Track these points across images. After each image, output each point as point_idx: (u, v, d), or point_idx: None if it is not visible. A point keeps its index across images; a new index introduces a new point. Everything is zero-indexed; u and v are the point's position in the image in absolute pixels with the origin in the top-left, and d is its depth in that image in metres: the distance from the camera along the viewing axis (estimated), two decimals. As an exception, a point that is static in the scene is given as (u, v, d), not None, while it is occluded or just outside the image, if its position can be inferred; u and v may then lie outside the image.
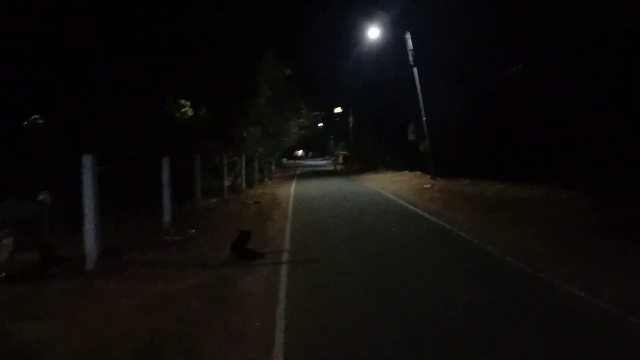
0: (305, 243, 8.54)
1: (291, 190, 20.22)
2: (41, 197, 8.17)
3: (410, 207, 12.99)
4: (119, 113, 18.84)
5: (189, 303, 5.22)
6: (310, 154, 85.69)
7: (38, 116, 23.28)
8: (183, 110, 24.24)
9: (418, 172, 25.46)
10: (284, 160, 51.22)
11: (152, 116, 20.77)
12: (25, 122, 22.30)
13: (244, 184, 20.05)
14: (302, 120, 29.78)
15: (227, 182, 17.32)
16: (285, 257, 7.47)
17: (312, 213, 12.63)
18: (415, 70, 22.73)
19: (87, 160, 6.26)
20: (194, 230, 9.41)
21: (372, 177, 27.03)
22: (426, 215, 11.18)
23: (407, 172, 26.81)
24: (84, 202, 6.33)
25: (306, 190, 19.85)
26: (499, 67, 20.08)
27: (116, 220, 9.70)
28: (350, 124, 51.66)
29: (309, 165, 52.29)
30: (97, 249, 6.25)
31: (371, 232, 9.35)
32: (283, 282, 6.03)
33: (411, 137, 33.47)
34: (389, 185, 21.13)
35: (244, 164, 20.24)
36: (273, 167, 33.21)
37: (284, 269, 6.66)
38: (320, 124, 56.56)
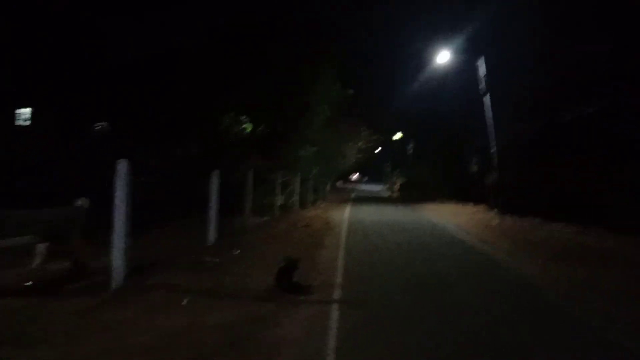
0: (360, 279, 7.40)
1: (345, 214, 19.15)
2: (79, 202, 7.61)
3: (478, 246, 11.51)
4: (176, 126, 18.66)
5: (207, 350, 4.23)
6: (365, 178, 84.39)
7: (105, 123, 23.78)
8: (243, 127, 23.93)
9: (482, 206, 23.65)
10: (339, 183, 50.30)
11: (209, 131, 20.52)
12: (97, 127, 22.82)
13: (296, 204, 19.22)
14: (360, 143, 28.78)
15: (279, 201, 16.54)
16: (336, 294, 6.38)
17: (367, 243, 11.47)
18: (487, 98, 21.25)
19: (121, 167, 5.53)
20: (237, 252, 8.54)
21: (431, 207, 25.45)
22: (498, 259, 9.69)
23: (471, 205, 25.00)
24: (113, 213, 5.59)
25: (361, 216, 18.71)
26: (575, 102, 18.29)
27: (157, 234, 9.03)
28: (410, 151, 50.12)
29: (364, 190, 51.09)
30: (124, 269, 5.46)
31: (434, 275, 8.01)
32: (332, 331, 4.93)
33: (474, 168, 31.66)
34: (451, 218, 19.57)
35: (298, 183, 19.46)
36: (327, 189, 32.33)
37: (334, 312, 5.56)
38: (378, 149, 55.44)
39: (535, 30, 19.66)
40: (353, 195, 37.73)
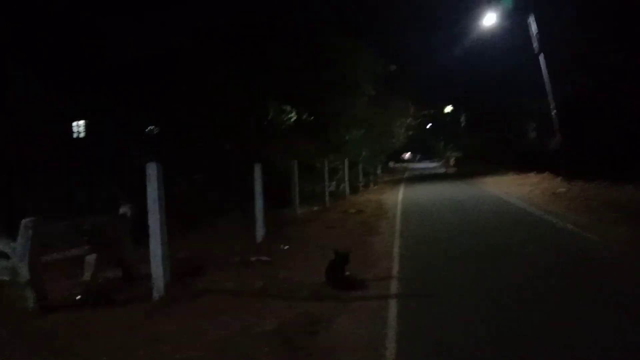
0: (419, 268, 6.79)
1: (399, 196, 18.42)
2: (122, 210, 7.48)
3: (549, 218, 10.53)
4: (220, 123, 18.55)
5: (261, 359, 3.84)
6: (418, 156, 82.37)
7: (154, 127, 24.26)
8: (289, 116, 23.59)
9: (546, 174, 22.09)
10: (391, 163, 49.16)
11: (254, 124, 20.31)
12: (147, 130, 23.35)
13: (347, 190, 18.71)
14: (409, 120, 27.70)
15: (329, 189, 16.09)
16: (393, 287, 5.83)
17: (424, 225, 10.77)
18: (541, 57, 19.64)
19: (152, 170, 5.22)
20: (287, 247, 8.16)
21: (490, 180, 24.10)
22: (575, 230, 8.74)
23: (533, 174, 23.44)
24: (149, 218, 5.31)
25: (416, 197, 17.91)
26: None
27: (205, 232, 8.84)
28: (462, 124, 48.11)
29: (418, 169, 49.73)
30: (164, 277, 5.17)
31: (505, 255, 7.28)
32: (391, 330, 4.40)
33: (532, 134, 29.81)
34: (514, 189, 18.34)
35: (347, 168, 18.91)
36: (379, 171, 31.53)
37: (392, 308, 5.02)
38: (429, 125, 53.66)
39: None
40: (406, 174, 36.66)
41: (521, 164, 26.80)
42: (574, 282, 5.53)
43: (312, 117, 20.84)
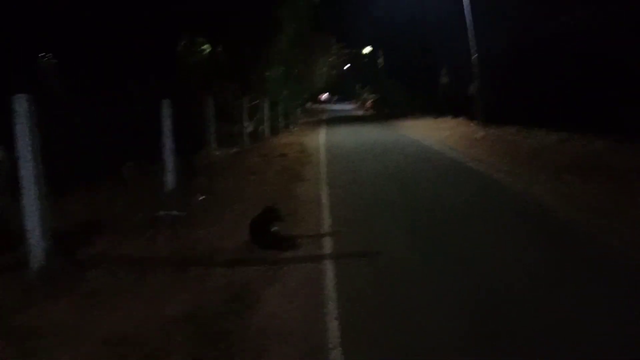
0: (351, 220, 6.20)
1: (321, 139, 17.75)
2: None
3: (471, 164, 10.44)
4: (122, 56, 16.29)
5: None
6: (335, 98, 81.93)
7: (51, 55, 21.02)
8: (201, 50, 21.44)
9: (461, 119, 22.57)
10: (309, 104, 48.13)
11: (162, 58, 18.14)
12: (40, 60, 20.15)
13: (267, 131, 17.65)
14: (332, 58, 26.62)
15: (247, 129, 14.95)
16: (327, 245, 5.16)
17: (351, 171, 10.21)
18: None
19: (20, 104, 3.90)
20: (202, 197, 7.15)
21: (408, 123, 24.23)
22: (500, 177, 8.64)
23: (449, 118, 23.86)
24: (19, 166, 4.05)
25: (338, 139, 17.35)
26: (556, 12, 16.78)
27: (104, 187, 7.52)
28: (380, 65, 47.88)
29: (336, 110, 49.29)
30: (44, 240, 4.01)
31: (438, 209, 6.89)
32: (331, 303, 3.74)
33: (444, 79, 30.27)
34: (432, 133, 18.43)
35: (267, 108, 17.74)
36: (299, 112, 30.57)
37: (329, 272, 4.36)
38: (347, 66, 52.94)
39: None
40: (325, 116, 36.00)
41: (436, 109, 27.27)
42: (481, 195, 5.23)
43: (230, 52, 19.12)
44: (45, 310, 3.52)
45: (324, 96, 73.62)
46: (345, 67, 52.76)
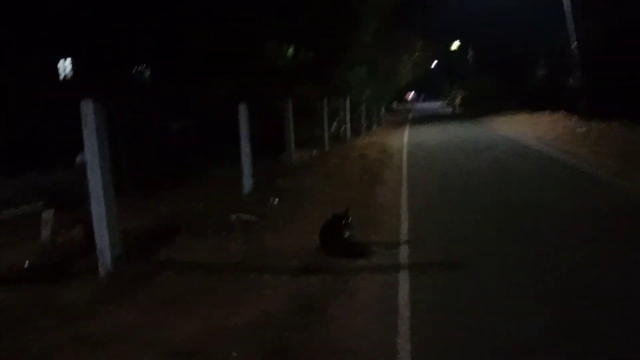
0: (432, 227, 5.70)
1: (404, 138, 17.15)
2: (79, 159, 6.29)
3: (575, 163, 9.35)
4: (212, 65, 16.86)
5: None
6: (422, 96, 79.77)
7: (144, 65, 22.48)
8: (287, 54, 21.71)
9: (561, 113, 20.66)
10: (395, 104, 47.23)
11: (250, 65, 18.56)
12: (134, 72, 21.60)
13: (348, 133, 17.41)
14: (416, 55, 25.78)
15: (329, 131, 14.80)
16: (403, 253, 4.75)
17: (434, 174, 9.61)
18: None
19: (88, 109, 3.97)
20: (276, 200, 7.04)
21: (501, 120, 22.69)
22: (612, 180, 7.56)
23: (547, 113, 21.97)
24: (88, 175, 4.14)
25: (423, 139, 16.62)
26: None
27: (186, 190, 7.71)
28: (470, 60, 45.68)
29: (423, 109, 47.89)
30: (112, 247, 4.06)
31: (536, 211, 6.15)
32: (404, 320, 3.35)
33: (540, 72, 27.99)
34: (528, 129, 17.04)
35: (348, 108, 17.50)
36: (382, 112, 30.02)
37: (403, 285, 3.96)
38: (435, 62, 51.18)
39: None
40: (410, 115, 35.07)
41: (532, 103, 25.27)
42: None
43: (311, 53, 19.13)
44: (111, 315, 3.52)
45: (410, 95, 72.00)
46: (432, 64, 51.06)
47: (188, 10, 15.77)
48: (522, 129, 17.57)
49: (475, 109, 34.37)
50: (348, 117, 17.58)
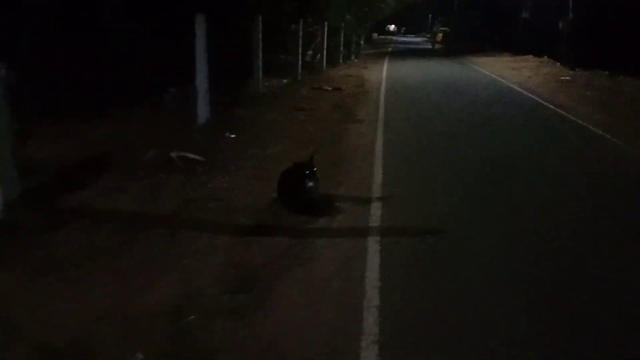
0: (409, 179, 4.95)
1: (383, 72, 16.05)
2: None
3: (561, 112, 8.73)
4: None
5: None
6: (403, 29, 76.91)
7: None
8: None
9: (545, 58, 19.84)
10: (375, 35, 45.06)
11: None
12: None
13: (324, 62, 16.11)
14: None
15: (303, 59, 13.52)
16: (375, 213, 3.98)
17: (413, 112, 8.78)
18: None
19: None
20: (233, 135, 6.07)
21: (482, 61, 21.70)
22: (600, 132, 6.97)
23: (530, 57, 21.09)
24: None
25: (402, 74, 15.58)
26: None
27: (126, 117, 6.60)
28: (455, -5, 43.50)
29: (403, 42, 45.94)
30: (7, 190, 3.10)
31: (516, 158, 5.55)
32: (371, 309, 2.63)
33: (525, 14, 26.75)
34: (510, 73, 16.26)
35: (325, 35, 16.07)
36: (362, 42, 28.39)
37: (373, 256, 3.23)
38: (419, -6, 48.59)
39: None
40: (390, 48, 33.45)
41: (515, 46, 24.27)
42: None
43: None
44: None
45: (392, 27, 69.34)
46: (416, -4, 48.54)
47: None
48: (504, 71, 16.74)
49: (457, 47, 33.07)
50: (325, 44, 16.20)
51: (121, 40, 8.27)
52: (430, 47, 37.96)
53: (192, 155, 4.74)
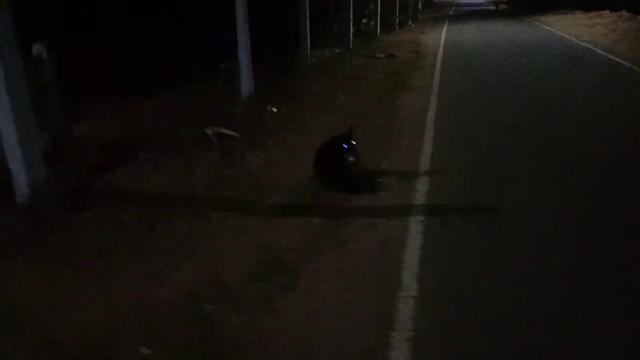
0: (463, 152, 4.51)
1: (441, 37, 15.13)
2: (35, 50, 5.13)
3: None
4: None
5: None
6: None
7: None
8: None
9: (623, 12, 17.87)
10: (434, -3, 42.88)
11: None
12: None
13: (378, 29, 15.42)
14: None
15: (355, 27, 12.97)
16: (421, 190, 3.62)
17: (471, 77, 8.15)
18: None
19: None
20: (275, 109, 5.84)
21: (551, 19, 19.96)
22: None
23: (606, 12, 19.10)
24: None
25: (463, 38, 14.61)
26: None
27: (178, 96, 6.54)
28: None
29: (466, 4, 43.44)
30: (30, 170, 3.05)
31: (589, 135, 4.90)
32: (407, 301, 2.34)
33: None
34: (583, 30, 14.82)
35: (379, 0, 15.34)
36: (420, 6, 27.06)
37: (414, 239, 2.91)
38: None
39: None
40: (451, 11, 31.67)
41: (586, 3, 22.07)
42: None
43: None
44: (14, 267, 2.59)
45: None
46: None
47: None
48: (577, 29, 15.27)
49: (522, 6, 30.70)
50: (379, 9, 15.47)
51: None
52: (493, 8, 35.54)
53: (227, 131, 4.56)
